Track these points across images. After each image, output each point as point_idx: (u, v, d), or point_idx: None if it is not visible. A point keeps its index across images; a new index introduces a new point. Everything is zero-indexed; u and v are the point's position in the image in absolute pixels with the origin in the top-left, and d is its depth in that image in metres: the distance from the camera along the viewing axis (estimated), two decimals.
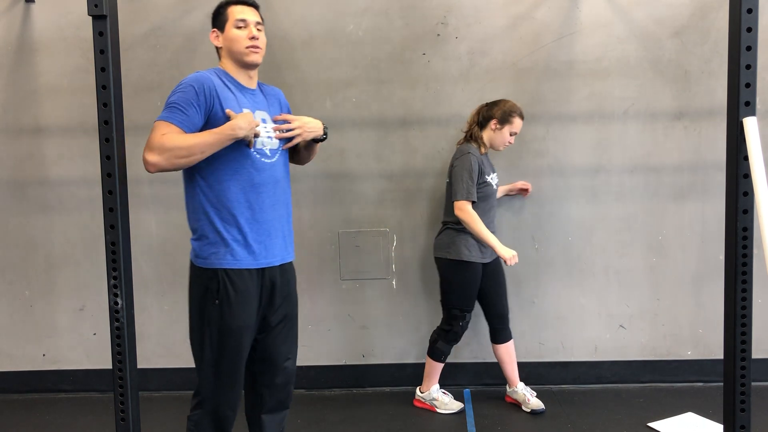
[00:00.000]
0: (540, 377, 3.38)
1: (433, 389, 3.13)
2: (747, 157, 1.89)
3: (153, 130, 1.91)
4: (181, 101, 1.93)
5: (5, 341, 3.45)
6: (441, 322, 3.09)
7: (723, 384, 2.01)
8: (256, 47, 2.05)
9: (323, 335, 3.42)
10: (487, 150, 3.03)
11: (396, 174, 3.34)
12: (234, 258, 2.00)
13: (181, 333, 3.43)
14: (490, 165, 3.05)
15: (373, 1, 3.25)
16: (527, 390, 3.13)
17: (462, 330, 3.03)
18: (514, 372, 3.13)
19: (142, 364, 3.29)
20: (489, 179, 2.97)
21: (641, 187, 3.31)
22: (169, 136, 1.89)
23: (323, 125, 2.20)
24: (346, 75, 3.28)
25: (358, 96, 3.29)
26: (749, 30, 1.88)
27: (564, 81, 3.26)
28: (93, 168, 3.33)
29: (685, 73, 3.25)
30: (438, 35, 3.26)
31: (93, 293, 3.40)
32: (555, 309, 3.38)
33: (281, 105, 2.24)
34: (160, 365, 3.43)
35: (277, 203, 2.09)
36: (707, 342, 3.37)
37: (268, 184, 2.05)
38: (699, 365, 3.38)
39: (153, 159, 1.88)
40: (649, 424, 2.87)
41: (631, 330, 3.38)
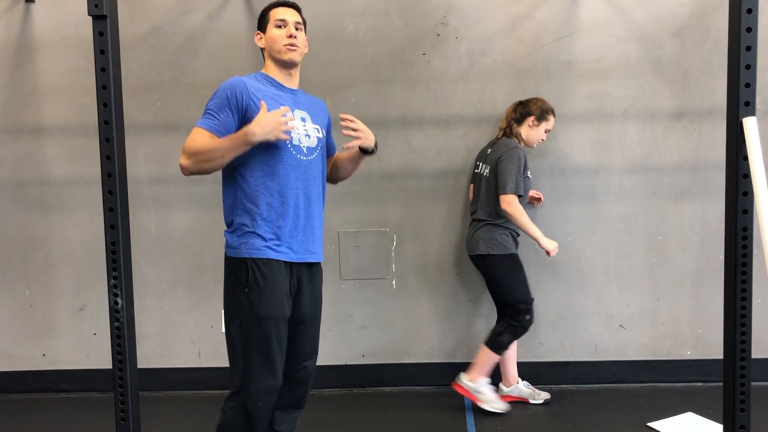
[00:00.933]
0: (540, 377, 3.38)
1: (483, 381, 3.03)
2: (747, 157, 1.89)
3: (189, 135, 1.99)
4: (214, 107, 2.00)
5: (5, 341, 3.45)
6: (499, 320, 3.01)
7: (723, 384, 2.01)
8: (293, 45, 2.08)
9: (323, 335, 3.39)
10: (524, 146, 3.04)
11: (396, 174, 3.34)
12: (263, 248, 2.01)
13: (181, 333, 3.43)
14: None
15: (373, 1, 3.25)
16: (529, 385, 3.15)
17: (529, 323, 2.96)
18: (514, 369, 3.14)
19: (142, 364, 3.32)
20: (529, 174, 3.00)
21: (641, 187, 3.31)
22: (198, 141, 1.96)
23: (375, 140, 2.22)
24: (345, 75, 3.28)
25: (358, 96, 3.29)
26: (749, 30, 1.88)
27: (564, 81, 3.26)
28: (93, 168, 3.34)
29: (685, 73, 3.25)
30: (438, 35, 3.26)
31: (93, 293, 3.40)
32: (555, 309, 3.38)
33: (324, 114, 2.26)
34: (160, 365, 3.44)
35: (311, 201, 2.11)
36: (707, 342, 3.37)
37: (302, 180, 2.07)
38: (699, 365, 3.38)
39: (183, 162, 1.98)
40: (649, 424, 2.87)
41: (631, 330, 3.38)
